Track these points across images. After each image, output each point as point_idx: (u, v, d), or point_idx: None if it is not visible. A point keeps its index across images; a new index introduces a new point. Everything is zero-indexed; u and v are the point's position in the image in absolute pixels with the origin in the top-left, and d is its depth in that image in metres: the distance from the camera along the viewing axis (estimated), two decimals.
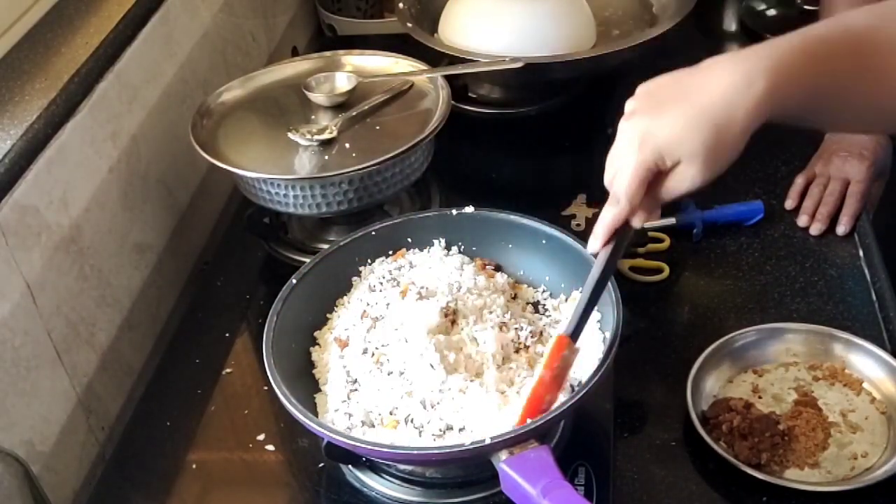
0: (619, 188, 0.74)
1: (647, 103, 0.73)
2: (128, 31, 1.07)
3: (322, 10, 1.60)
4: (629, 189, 0.74)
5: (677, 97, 0.71)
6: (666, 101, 0.72)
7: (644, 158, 0.72)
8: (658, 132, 0.71)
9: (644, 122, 0.72)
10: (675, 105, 0.71)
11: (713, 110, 0.70)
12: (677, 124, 0.71)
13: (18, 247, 0.86)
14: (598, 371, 0.78)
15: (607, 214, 0.77)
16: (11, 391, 0.84)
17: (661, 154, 0.72)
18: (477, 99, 1.37)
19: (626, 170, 0.73)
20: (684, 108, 0.71)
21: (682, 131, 0.70)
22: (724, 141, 0.70)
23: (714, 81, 0.70)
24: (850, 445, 0.88)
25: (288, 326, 0.89)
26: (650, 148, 0.72)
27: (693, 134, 0.70)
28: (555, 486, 0.71)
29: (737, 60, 0.71)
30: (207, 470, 0.91)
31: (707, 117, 0.70)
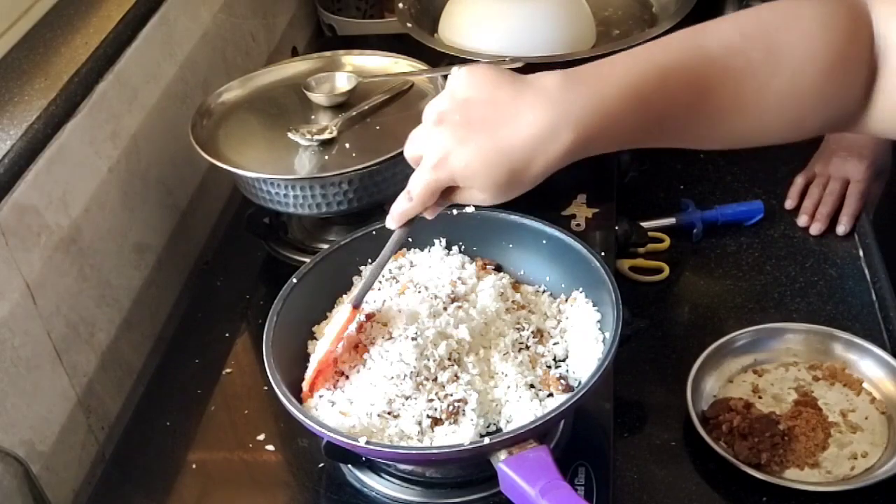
0: (414, 191, 0.75)
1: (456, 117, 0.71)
2: (128, 31, 1.07)
3: (322, 10, 1.60)
4: (421, 196, 0.75)
5: (484, 124, 0.70)
6: (472, 125, 0.70)
7: (437, 178, 0.72)
8: (456, 161, 0.70)
9: (447, 143, 0.71)
10: (479, 134, 0.69)
11: (512, 154, 0.69)
12: (475, 159, 0.70)
13: (18, 247, 0.86)
14: (598, 371, 0.78)
15: (400, 205, 0.78)
16: (11, 391, 0.84)
17: (454, 178, 0.72)
18: None
19: (421, 180, 0.74)
20: (486, 142, 0.69)
21: (478, 167, 0.70)
22: (515, 182, 0.70)
23: (525, 122, 0.68)
24: (850, 445, 0.88)
25: (288, 326, 0.89)
26: (445, 171, 0.71)
27: (487, 171, 0.70)
28: (553, 487, 0.71)
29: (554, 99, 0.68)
30: (207, 470, 0.91)
31: (504, 159, 0.69)
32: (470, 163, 0.70)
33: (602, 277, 0.86)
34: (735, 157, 1.27)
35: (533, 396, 0.82)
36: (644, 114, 0.69)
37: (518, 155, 0.69)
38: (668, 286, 1.09)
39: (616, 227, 1.08)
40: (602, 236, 1.06)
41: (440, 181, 0.73)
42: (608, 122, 0.68)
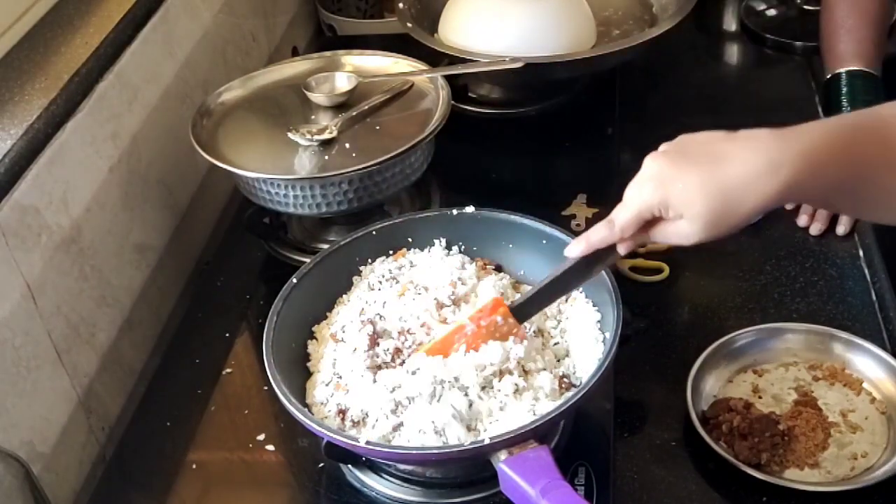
0: (618, 217, 0.78)
1: (677, 153, 0.76)
2: (128, 31, 1.07)
3: (322, 10, 1.60)
4: (625, 222, 0.78)
5: (704, 160, 0.74)
6: (693, 159, 0.75)
7: (650, 202, 0.76)
8: (673, 185, 0.74)
9: (666, 170, 0.75)
10: (699, 167, 0.74)
11: (729, 187, 0.73)
12: (692, 185, 0.73)
13: (18, 247, 0.86)
14: (598, 371, 0.78)
15: (598, 232, 0.80)
16: (12, 391, 0.85)
17: (668, 205, 0.75)
18: (477, 99, 1.37)
19: (631, 204, 0.77)
20: (705, 174, 0.73)
21: (694, 194, 0.73)
22: (729, 217, 0.74)
23: (741, 159, 0.73)
24: (850, 445, 0.88)
25: (288, 326, 0.89)
26: (660, 196, 0.75)
27: (703, 200, 0.73)
28: (554, 487, 0.71)
29: (770, 143, 0.73)
30: (207, 470, 0.91)
31: (721, 191, 0.73)
32: (687, 187, 0.74)
33: (602, 277, 0.86)
34: None
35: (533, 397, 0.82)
36: (844, 167, 0.74)
37: (735, 188, 0.72)
38: (668, 286, 1.09)
39: None
40: None
41: (652, 206, 0.76)
42: (815, 169, 0.72)
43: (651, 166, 0.76)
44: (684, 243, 0.77)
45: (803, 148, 0.72)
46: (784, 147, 0.72)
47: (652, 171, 0.76)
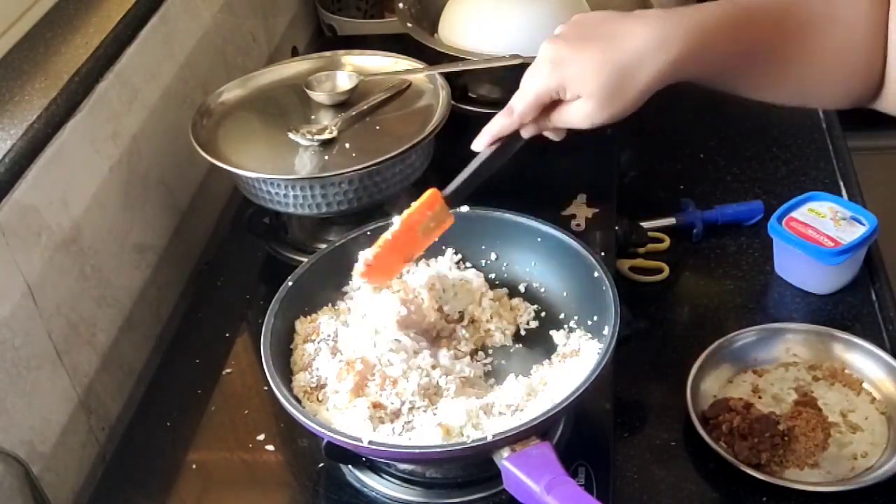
0: (517, 104, 0.81)
1: (572, 34, 0.79)
2: (128, 31, 1.07)
3: (322, 10, 1.60)
4: (524, 108, 0.80)
5: (598, 38, 0.77)
6: (586, 38, 0.77)
7: (548, 85, 0.78)
8: (568, 64, 0.77)
9: (560, 50, 0.77)
10: (593, 45, 0.77)
11: (622, 59, 0.75)
12: (587, 64, 0.76)
13: (18, 247, 0.86)
14: (597, 367, 0.78)
15: (497, 122, 0.83)
16: (12, 391, 0.84)
17: (564, 85, 0.77)
18: (477, 99, 1.37)
19: (529, 89, 0.79)
20: (599, 51, 0.76)
21: (589, 73, 0.76)
22: (623, 90, 0.76)
23: (633, 35, 0.75)
24: (850, 445, 0.88)
25: (286, 327, 0.89)
26: (557, 77, 0.77)
27: (598, 77, 0.76)
28: (559, 483, 0.71)
29: (660, 21, 0.76)
30: (207, 470, 0.91)
31: (614, 63, 0.75)
32: (582, 65, 0.76)
33: (602, 277, 0.86)
34: (735, 157, 1.27)
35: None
36: (734, 44, 0.76)
37: (628, 60, 0.75)
38: (668, 286, 1.09)
39: (616, 227, 1.08)
40: (602, 236, 1.06)
41: (549, 87, 0.78)
42: (706, 44, 0.75)
43: (547, 49, 0.78)
44: (584, 125, 0.79)
45: (695, 24, 0.75)
46: (676, 23, 0.75)
47: (548, 55, 0.78)
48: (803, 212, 1.07)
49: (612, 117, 0.78)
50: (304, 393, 0.84)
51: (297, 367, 0.87)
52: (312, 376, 0.85)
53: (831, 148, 1.27)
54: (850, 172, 1.21)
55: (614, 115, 0.77)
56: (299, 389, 0.84)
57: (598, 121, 0.78)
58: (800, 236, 1.04)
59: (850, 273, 1.05)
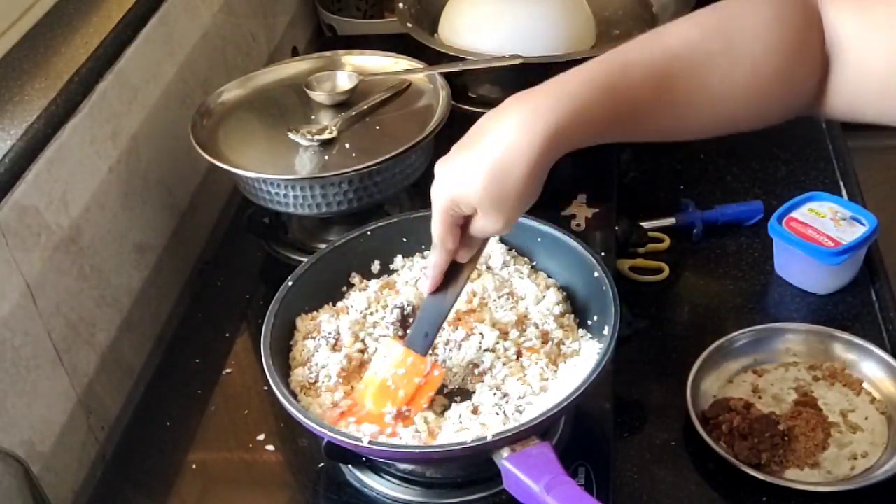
0: (433, 236, 0.78)
1: (455, 148, 0.75)
2: (128, 31, 1.07)
3: (322, 10, 1.60)
4: (441, 235, 0.77)
5: (470, 144, 0.74)
6: (462, 148, 0.74)
7: (441, 206, 0.75)
8: (447, 180, 0.74)
9: (441, 170, 0.75)
10: (465, 152, 0.73)
11: (492, 157, 0.71)
12: (464, 175, 0.72)
13: (18, 247, 0.86)
14: (598, 367, 0.78)
15: (431, 259, 0.80)
16: (11, 391, 0.84)
17: (455, 200, 0.74)
18: (477, 99, 1.37)
19: (434, 217, 0.76)
20: (469, 156, 0.73)
21: (464, 179, 0.72)
22: (504, 186, 0.71)
23: (499, 127, 0.72)
24: (850, 445, 0.88)
25: (286, 327, 0.89)
26: (444, 196, 0.74)
27: (477, 185, 0.72)
28: (558, 483, 0.71)
29: (526, 99, 0.72)
30: (207, 470, 0.91)
31: (485, 164, 0.71)
32: (458, 176, 0.73)
33: (602, 277, 0.86)
34: (735, 157, 1.27)
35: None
36: (611, 105, 0.72)
37: (497, 156, 0.71)
38: (668, 286, 1.09)
39: (616, 227, 1.08)
40: (602, 236, 1.06)
41: (444, 209, 0.75)
42: (576, 114, 0.70)
43: (437, 170, 0.76)
44: (498, 232, 0.75)
45: (560, 96, 0.71)
46: (539, 101, 0.71)
47: (436, 173, 0.75)
48: (803, 212, 1.07)
49: (516, 215, 0.74)
50: (301, 388, 0.84)
51: (296, 363, 0.87)
52: (311, 372, 0.85)
53: (831, 148, 1.27)
54: (850, 172, 1.21)
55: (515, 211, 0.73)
56: (297, 384, 0.85)
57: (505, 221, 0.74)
58: (800, 236, 1.04)
59: (850, 273, 1.05)
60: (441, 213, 0.76)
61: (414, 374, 0.82)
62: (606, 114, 0.72)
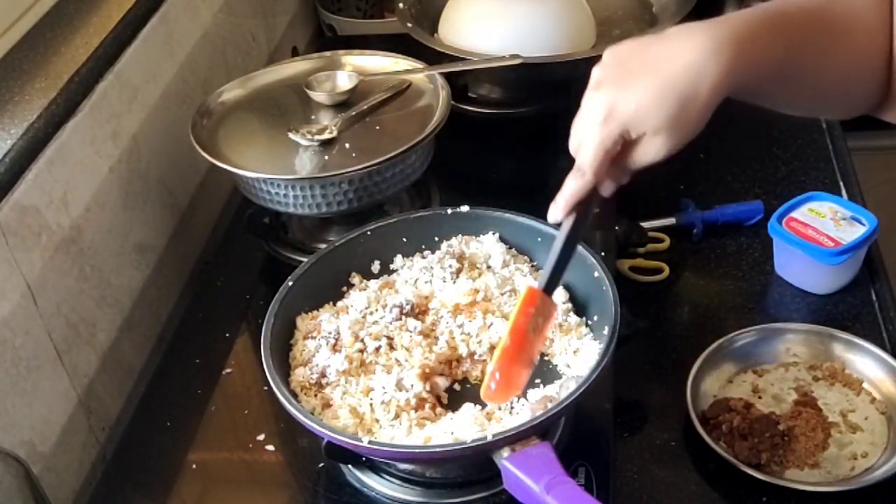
0: (584, 161, 0.74)
1: (613, 73, 0.73)
2: (128, 31, 1.07)
3: (322, 10, 1.60)
4: (594, 162, 0.74)
5: (643, 68, 0.72)
6: (632, 72, 0.72)
7: (610, 132, 0.72)
8: (623, 106, 0.71)
9: (610, 95, 0.72)
10: (641, 76, 0.71)
11: (678, 82, 0.70)
12: (643, 98, 0.71)
13: (18, 247, 0.86)
14: (598, 367, 0.78)
15: (571, 185, 0.76)
16: (12, 391, 0.84)
17: (627, 127, 0.72)
18: (477, 99, 1.37)
19: (591, 143, 0.73)
20: (650, 80, 0.71)
21: (648, 105, 0.71)
22: (688, 113, 0.71)
23: (680, 52, 0.71)
24: (850, 445, 0.88)
25: (286, 327, 0.89)
26: (616, 122, 0.72)
27: (658, 108, 0.70)
28: (558, 482, 0.71)
29: (703, 30, 0.71)
30: (207, 470, 0.91)
31: (672, 90, 0.70)
32: (639, 102, 0.71)
33: (602, 277, 0.86)
34: (735, 157, 1.27)
35: None
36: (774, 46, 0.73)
37: (684, 82, 0.70)
38: (668, 286, 1.09)
39: (616, 227, 1.08)
40: (602, 236, 1.06)
41: (613, 135, 0.72)
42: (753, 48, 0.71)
43: (593, 100, 0.73)
44: (658, 158, 0.73)
45: (737, 34, 0.71)
46: (721, 29, 0.71)
47: (598, 104, 0.73)
48: (803, 212, 1.07)
49: (683, 142, 0.73)
50: (301, 388, 0.84)
51: (296, 363, 0.87)
52: (312, 372, 0.85)
53: (831, 148, 1.27)
54: (850, 172, 1.21)
55: (685, 139, 0.73)
56: (297, 384, 0.85)
57: (673, 150, 0.73)
58: (800, 236, 1.04)
59: (850, 273, 1.05)
60: (608, 139, 0.72)
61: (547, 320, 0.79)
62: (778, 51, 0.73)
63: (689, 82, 0.70)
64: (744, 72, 0.71)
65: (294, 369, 0.87)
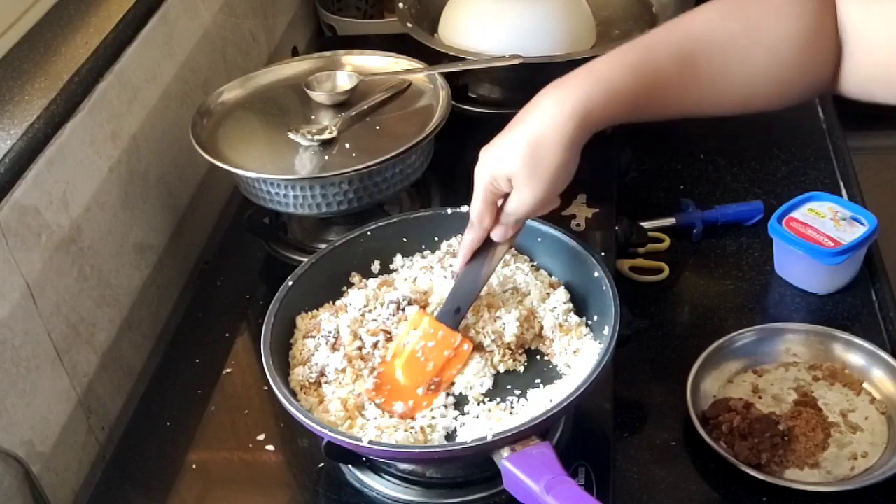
0: (471, 213, 0.83)
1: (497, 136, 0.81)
2: (128, 31, 1.07)
3: (322, 10, 1.60)
4: (478, 213, 0.82)
5: (510, 126, 0.79)
6: (504, 131, 0.80)
7: (481, 181, 0.80)
8: (487, 157, 0.80)
9: (484, 150, 0.81)
10: (506, 132, 0.79)
11: (528, 131, 0.77)
12: (500, 148, 0.79)
13: (18, 247, 0.86)
14: (598, 367, 0.78)
15: (467, 238, 0.85)
16: (11, 391, 0.84)
17: (493, 176, 0.79)
18: (477, 99, 1.37)
19: (475, 195, 0.82)
20: (509, 134, 0.79)
21: (503, 153, 0.78)
22: (540, 157, 0.77)
23: (534, 109, 0.78)
24: (850, 445, 0.88)
25: (286, 327, 0.89)
26: (485, 172, 0.80)
27: (511, 154, 0.78)
28: (558, 482, 0.71)
29: (560, 82, 0.78)
30: (207, 470, 0.91)
31: (521, 137, 0.77)
32: (497, 152, 0.79)
33: (602, 277, 0.86)
34: (735, 157, 1.27)
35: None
36: (637, 84, 0.77)
37: (533, 129, 0.77)
38: (668, 286, 1.09)
39: (616, 227, 1.08)
40: (602, 236, 1.06)
41: (484, 185, 0.80)
42: (606, 92, 0.76)
43: (481, 153, 0.81)
44: (529, 209, 0.80)
45: (591, 78, 0.77)
46: (572, 82, 0.77)
47: (480, 156, 0.81)
48: (803, 212, 1.07)
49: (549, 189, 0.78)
50: (300, 387, 0.84)
51: (296, 362, 0.87)
52: (311, 371, 0.85)
53: (831, 148, 1.27)
54: (850, 172, 1.21)
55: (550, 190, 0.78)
56: (296, 384, 0.85)
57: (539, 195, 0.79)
58: (800, 236, 1.04)
59: (850, 273, 1.05)
60: (481, 190, 0.81)
61: (444, 347, 0.84)
62: (633, 92, 0.77)
63: (537, 129, 0.77)
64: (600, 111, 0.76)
65: (293, 368, 0.87)
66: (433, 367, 0.84)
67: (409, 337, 0.85)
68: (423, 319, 0.86)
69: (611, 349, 0.80)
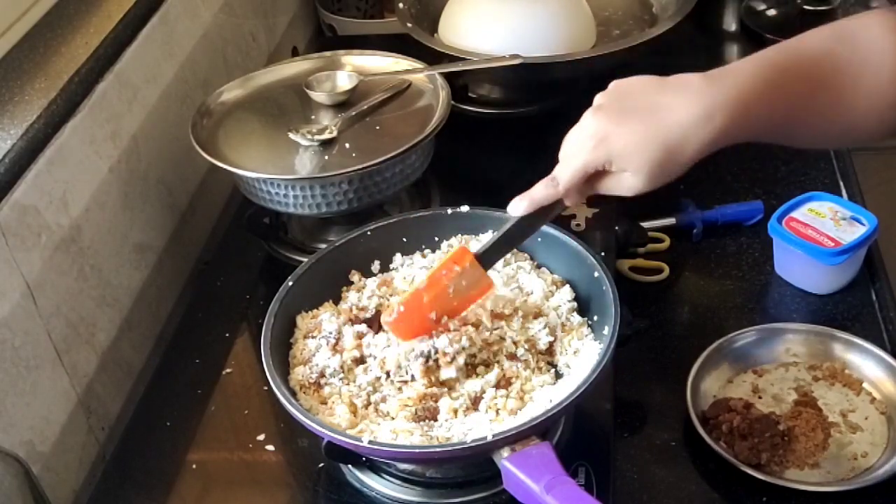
0: (563, 175, 0.79)
1: (614, 106, 0.78)
2: (128, 31, 1.07)
3: (322, 10, 1.60)
4: (571, 179, 0.79)
5: (641, 110, 0.76)
6: (630, 111, 0.76)
7: (594, 159, 0.77)
8: (614, 140, 0.76)
9: (605, 125, 0.76)
10: (637, 118, 0.76)
11: (669, 136, 0.74)
12: (633, 138, 0.75)
13: (18, 247, 0.86)
14: (598, 367, 0.78)
15: (541, 191, 0.82)
16: (11, 391, 0.84)
17: (611, 159, 0.77)
18: (477, 99, 1.37)
19: (575, 162, 0.78)
20: (644, 125, 0.75)
21: (636, 146, 0.75)
22: (670, 164, 0.76)
23: (675, 107, 0.75)
24: (850, 445, 0.88)
25: (286, 327, 0.89)
26: (603, 152, 0.76)
27: (645, 152, 0.75)
28: (558, 482, 0.71)
29: (701, 91, 0.75)
30: (207, 470, 0.91)
31: (661, 140, 0.75)
32: (628, 141, 0.75)
33: (602, 277, 0.86)
34: (735, 157, 1.27)
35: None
36: (775, 108, 0.76)
37: (674, 136, 0.74)
38: (668, 286, 1.09)
39: (616, 227, 1.08)
40: (602, 236, 1.06)
41: (596, 162, 0.77)
42: (748, 112, 0.75)
43: (590, 123, 0.78)
44: (629, 194, 0.79)
45: (735, 93, 0.75)
46: (717, 94, 0.75)
47: (591, 129, 0.77)
48: (803, 212, 1.07)
49: (656, 186, 0.78)
50: (300, 387, 0.84)
51: (296, 361, 0.87)
52: (311, 371, 0.85)
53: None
54: (850, 172, 1.21)
55: (659, 184, 0.78)
56: (296, 383, 0.85)
57: (644, 191, 0.78)
58: (800, 236, 1.04)
59: (850, 273, 1.05)
60: (588, 164, 0.77)
61: (474, 288, 0.85)
62: (769, 114, 0.76)
63: (677, 139, 0.74)
64: (734, 132, 0.75)
65: (293, 368, 0.87)
66: (458, 304, 0.84)
67: (445, 269, 0.84)
68: (467, 259, 0.84)
69: (611, 349, 0.80)
